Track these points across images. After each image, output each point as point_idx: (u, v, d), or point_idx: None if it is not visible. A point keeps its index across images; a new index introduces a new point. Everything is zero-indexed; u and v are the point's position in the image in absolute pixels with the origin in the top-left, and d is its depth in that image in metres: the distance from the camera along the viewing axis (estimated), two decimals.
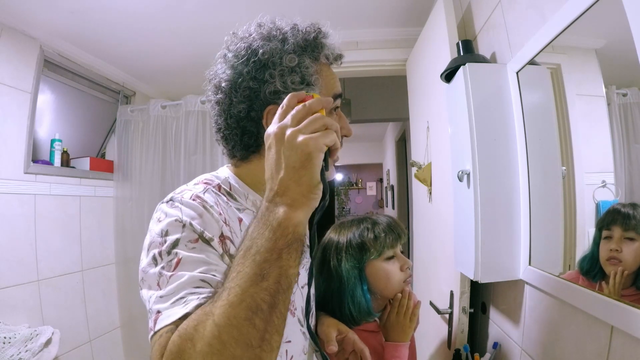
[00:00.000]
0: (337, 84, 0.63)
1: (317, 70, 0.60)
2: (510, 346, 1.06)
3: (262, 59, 0.57)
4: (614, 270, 0.65)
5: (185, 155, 2.28)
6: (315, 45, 0.60)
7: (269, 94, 0.56)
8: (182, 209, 0.51)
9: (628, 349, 0.61)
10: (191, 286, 0.43)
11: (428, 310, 1.37)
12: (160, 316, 0.42)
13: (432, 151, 1.49)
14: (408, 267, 0.90)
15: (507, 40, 1.06)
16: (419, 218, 1.80)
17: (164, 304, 0.43)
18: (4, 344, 1.43)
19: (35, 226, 1.81)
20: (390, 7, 1.74)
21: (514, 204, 0.99)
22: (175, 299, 0.43)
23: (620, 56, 0.65)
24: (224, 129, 0.62)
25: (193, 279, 0.44)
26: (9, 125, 1.70)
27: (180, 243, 0.47)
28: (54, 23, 1.74)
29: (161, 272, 0.46)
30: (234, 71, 0.58)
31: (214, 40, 0.61)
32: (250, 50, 0.58)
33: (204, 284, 0.44)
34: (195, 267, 0.45)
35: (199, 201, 0.52)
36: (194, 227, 0.49)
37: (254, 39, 0.59)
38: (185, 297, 0.43)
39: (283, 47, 0.58)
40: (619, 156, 0.66)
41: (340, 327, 0.79)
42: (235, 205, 0.59)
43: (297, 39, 0.59)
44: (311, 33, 0.60)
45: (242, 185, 0.62)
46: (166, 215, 0.51)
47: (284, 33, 0.59)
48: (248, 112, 0.58)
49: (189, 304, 0.42)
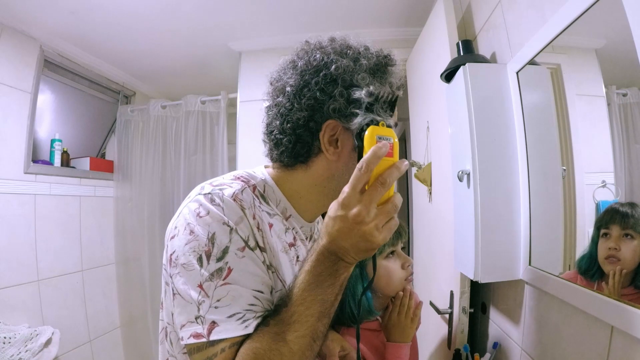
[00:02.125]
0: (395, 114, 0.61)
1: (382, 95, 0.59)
2: (510, 346, 1.06)
3: (334, 74, 0.56)
4: (612, 270, 0.65)
5: (185, 155, 2.28)
6: (385, 69, 0.59)
7: (332, 110, 0.55)
8: (224, 209, 0.50)
9: (628, 349, 0.61)
10: (247, 303, 0.48)
11: (428, 310, 1.37)
12: (217, 327, 0.46)
13: (432, 151, 1.49)
14: (409, 265, 0.90)
15: (507, 40, 1.06)
16: (419, 218, 1.80)
17: (220, 315, 0.46)
18: (4, 344, 1.43)
19: (35, 226, 1.82)
20: (390, 7, 1.74)
21: (514, 204, 0.99)
22: (232, 314, 0.47)
23: (620, 56, 0.65)
24: (277, 132, 0.59)
25: (247, 295, 0.48)
26: (9, 125, 1.70)
27: (230, 251, 0.48)
28: (54, 23, 1.74)
29: (210, 277, 0.47)
30: (302, 79, 0.57)
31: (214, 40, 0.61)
32: (323, 62, 0.57)
33: (257, 301, 0.49)
34: (247, 280, 0.49)
35: (239, 202, 0.52)
36: (240, 233, 0.49)
37: (329, 52, 0.58)
38: (244, 315, 0.47)
39: (355, 65, 0.57)
40: (619, 156, 0.66)
41: (344, 343, 0.79)
42: (267, 209, 0.58)
43: (369, 61, 0.58)
44: (381, 57, 0.59)
45: (276, 191, 0.60)
46: (208, 213, 0.50)
47: (358, 52, 0.58)
48: (307, 122, 0.57)
49: (249, 324, 0.47)
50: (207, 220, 0.49)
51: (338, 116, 0.55)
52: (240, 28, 1.89)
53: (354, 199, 0.45)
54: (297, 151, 0.59)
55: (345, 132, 0.57)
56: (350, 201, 0.45)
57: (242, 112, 2.07)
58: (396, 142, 0.49)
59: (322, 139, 0.56)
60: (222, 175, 0.60)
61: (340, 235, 0.46)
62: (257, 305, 0.49)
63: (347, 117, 0.55)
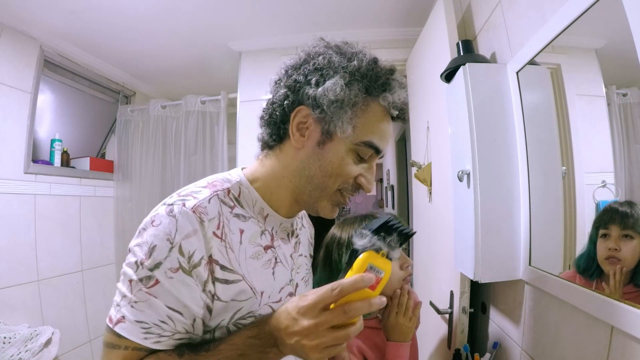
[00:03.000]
0: (382, 136, 0.59)
1: (364, 104, 0.57)
2: (510, 346, 1.06)
3: (320, 63, 0.57)
4: (612, 270, 0.65)
5: (185, 155, 2.28)
6: (376, 79, 0.57)
7: (306, 96, 0.56)
8: (178, 221, 0.51)
9: (628, 349, 0.61)
10: (158, 319, 0.49)
11: (428, 310, 1.37)
12: (123, 323, 0.49)
13: (432, 151, 1.49)
14: (408, 266, 0.90)
15: (507, 40, 1.06)
16: (419, 218, 1.80)
17: (131, 315, 0.49)
18: (4, 344, 1.43)
19: (35, 226, 1.82)
20: (390, 7, 1.74)
21: (514, 204, 0.99)
22: (140, 320, 0.49)
23: (620, 56, 0.65)
24: (264, 109, 0.62)
25: (162, 312, 0.49)
26: (9, 125, 1.70)
27: (161, 267, 0.49)
28: (54, 23, 1.74)
29: (139, 280, 0.49)
30: (296, 62, 0.60)
31: (214, 40, 0.61)
32: (317, 52, 0.58)
33: (169, 321, 0.50)
34: (167, 298, 0.49)
35: (198, 214, 0.52)
36: (183, 249, 0.50)
37: (330, 46, 0.59)
38: (150, 327, 0.49)
39: (344, 63, 0.57)
40: (619, 156, 0.66)
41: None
42: (241, 212, 0.58)
43: (361, 64, 0.57)
44: (379, 67, 0.58)
45: (252, 191, 0.61)
46: (160, 224, 0.51)
47: (355, 53, 0.58)
48: (283, 100, 0.58)
49: (149, 338, 0.49)
50: (155, 231, 0.51)
51: (311, 104, 0.56)
52: (240, 28, 1.89)
53: (312, 312, 0.46)
54: (271, 130, 0.61)
55: (316, 124, 0.57)
56: (307, 312, 0.46)
57: (242, 112, 2.07)
58: (385, 277, 0.48)
59: (291, 121, 0.58)
60: (196, 182, 0.60)
61: (286, 333, 0.47)
62: (168, 325, 0.50)
63: (319, 108, 0.56)
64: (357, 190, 0.61)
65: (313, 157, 0.58)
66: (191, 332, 0.53)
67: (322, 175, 0.58)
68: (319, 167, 0.58)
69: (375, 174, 0.62)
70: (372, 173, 0.61)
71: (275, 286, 0.60)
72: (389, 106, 0.58)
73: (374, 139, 0.58)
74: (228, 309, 0.53)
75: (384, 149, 0.60)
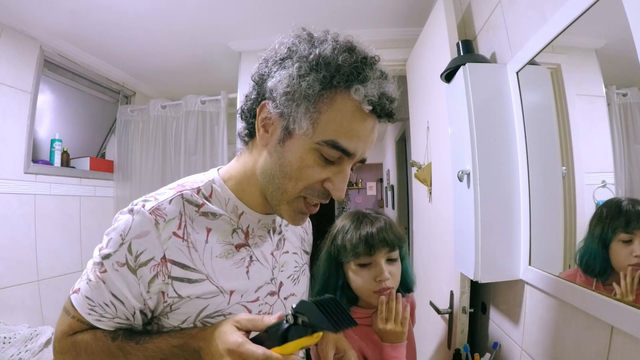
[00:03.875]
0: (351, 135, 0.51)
1: (329, 97, 0.50)
2: (510, 346, 1.06)
3: (282, 54, 0.53)
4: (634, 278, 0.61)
5: (185, 155, 2.28)
6: (339, 68, 0.49)
7: (267, 89, 0.53)
8: (133, 221, 0.52)
9: (628, 349, 0.61)
10: (102, 300, 0.53)
11: (428, 310, 1.37)
12: (76, 295, 0.55)
13: (432, 151, 1.49)
14: (380, 280, 0.87)
15: (507, 40, 1.06)
16: (419, 218, 1.80)
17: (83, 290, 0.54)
18: (4, 344, 1.43)
19: (35, 226, 1.82)
20: (390, 7, 1.74)
21: (514, 204, 0.99)
22: (88, 297, 0.53)
23: (620, 56, 0.65)
24: (241, 103, 0.62)
25: (106, 295, 0.52)
26: (9, 125, 1.70)
27: (110, 259, 0.52)
28: (54, 23, 1.74)
29: (95, 263, 0.53)
30: (268, 55, 0.57)
31: (214, 40, 0.61)
32: (286, 43, 0.55)
33: (112, 305, 0.53)
34: (112, 287, 0.52)
35: (154, 216, 0.52)
36: (131, 248, 0.51)
37: (303, 35, 0.54)
38: (94, 306, 0.53)
39: (305, 52, 0.51)
40: (619, 156, 0.66)
41: (339, 344, 0.74)
42: (210, 210, 0.57)
43: (325, 52, 0.50)
44: (346, 54, 0.50)
45: (224, 189, 0.59)
46: (119, 220, 0.54)
47: (324, 41, 0.52)
48: (251, 94, 0.58)
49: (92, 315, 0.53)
50: (115, 227, 0.54)
51: (271, 97, 0.53)
52: (240, 28, 1.89)
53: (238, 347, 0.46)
54: (245, 123, 0.60)
55: (278, 120, 0.53)
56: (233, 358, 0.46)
57: None
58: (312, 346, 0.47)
59: (257, 117, 0.56)
60: (168, 185, 0.60)
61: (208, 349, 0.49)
62: (110, 308, 0.53)
63: (274, 102, 0.52)
64: (326, 196, 0.55)
65: (275, 155, 0.54)
66: (131, 321, 0.55)
67: (282, 177, 0.54)
68: (279, 167, 0.54)
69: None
70: (343, 178, 0.54)
71: (250, 285, 0.59)
72: (363, 100, 0.49)
73: (340, 138, 0.50)
74: (193, 306, 0.54)
75: (356, 151, 0.52)
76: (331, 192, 0.54)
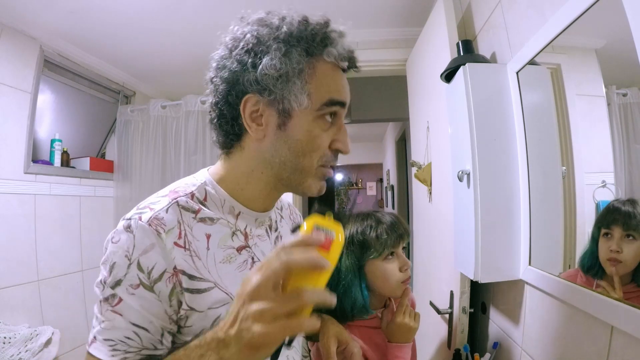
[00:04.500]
0: (341, 89, 0.56)
1: (310, 67, 0.53)
2: (510, 346, 1.06)
3: (248, 43, 0.52)
4: (612, 273, 0.65)
5: (185, 155, 2.28)
6: (313, 37, 0.53)
7: (248, 82, 0.52)
8: (135, 237, 0.49)
9: (628, 349, 0.61)
10: (123, 335, 0.48)
11: (428, 310, 1.37)
12: (95, 343, 0.48)
13: (432, 151, 1.49)
14: (407, 268, 0.90)
15: (507, 40, 1.06)
16: (419, 218, 1.80)
17: (100, 335, 0.48)
18: (4, 344, 1.43)
19: (35, 226, 1.81)
20: (390, 7, 1.74)
21: (514, 204, 0.99)
22: (108, 338, 0.48)
23: (620, 56, 0.65)
24: (210, 111, 0.58)
25: (127, 329, 0.48)
26: (9, 125, 1.70)
27: (122, 285, 0.48)
28: (54, 23, 1.74)
29: (105, 300, 0.49)
30: (225, 52, 0.56)
31: (214, 40, 0.60)
32: (242, 32, 0.54)
33: (135, 336, 0.48)
34: (131, 315, 0.48)
35: (154, 227, 0.50)
36: (141, 265, 0.48)
37: (253, 21, 0.55)
38: (116, 344, 0.48)
39: (274, 33, 0.52)
40: (619, 156, 0.66)
41: (340, 337, 0.76)
42: (208, 215, 0.55)
43: (292, 27, 0.52)
44: (311, 24, 0.54)
45: (219, 191, 0.58)
46: (119, 241, 0.50)
47: (282, 19, 0.53)
48: (227, 95, 0.55)
49: (117, 355, 0.48)
50: (114, 248, 0.50)
51: (257, 89, 0.52)
52: None
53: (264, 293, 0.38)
54: (224, 129, 0.57)
55: (269, 107, 0.54)
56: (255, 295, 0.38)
57: None
58: (338, 239, 0.41)
59: (243, 115, 0.54)
60: (159, 191, 0.58)
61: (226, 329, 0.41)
62: (134, 341, 0.48)
63: (267, 90, 0.52)
64: (336, 158, 0.58)
65: (278, 142, 0.54)
66: (161, 348, 0.50)
67: (295, 157, 0.55)
68: (287, 149, 0.54)
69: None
70: (344, 132, 0.57)
71: None
72: (337, 59, 0.55)
73: (333, 94, 0.54)
74: (206, 317, 0.52)
75: (347, 98, 0.56)
76: (342, 149, 0.57)
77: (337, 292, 0.86)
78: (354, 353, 0.73)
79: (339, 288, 0.87)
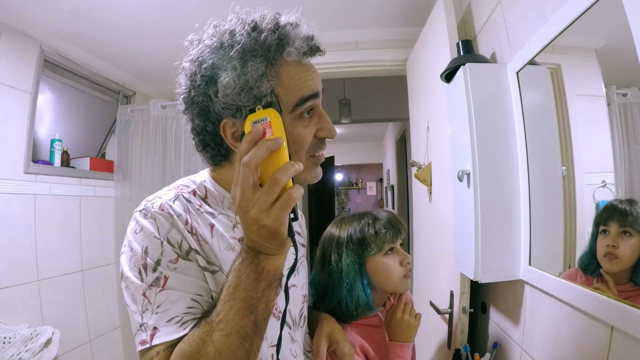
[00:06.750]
0: (309, 83, 0.54)
1: (273, 74, 0.52)
2: (510, 346, 1.06)
3: (206, 74, 0.52)
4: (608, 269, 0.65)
5: (185, 155, 2.28)
6: (268, 47, 0.52)
7: (217, 110, 0.53)
8: (156, 220, 0.52)
9: (628, 349, 0.61)
10: (185, 306, 0.49)
11: (428, 310, 1.37)
12: (158, 332, 0.48)
13: (432, 151, 1.49)
14: (408, 262, 0.91)
15: (507, 40, 1.06)
16: (419, 218, 1.80)
17: (160, 321, 0.48)
18: (4, 344, 1.43)
19: (35, 226, 1.81)
20: (390, 7, 1.74)
21: (514, 204, 0.99)
22: (171, 317, 0.48)
23: (620, 56, 0.65)
24: (193, 138, 0.59)
25: (185, 298, 0.49)
26: (9, 125, 1.70)
27: (162, 263, 0.50)
28: (54, 23, 1.74)
29: (150, 286, 0.49)
30: (187, 83, 0.55)
31: None
32: (197, 62, 0.53)
33: (196, 304, 0.50)
34: (183, 286, 0.50)
35: (167, 211, 0.53)
36: (171, 241, 0.51)
37: (205, 46, 0.53)
38: (182, 317, 0.48)
39: (227, 54, 0.51)
40: (619, 156, 0.66)
41: (332, 336, 0.75)
42: (210, 210, 0.59)
43: (244, 43, 0.51)
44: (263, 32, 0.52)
45: (218, 188, 0.61)
46: (142, 228, 0.52)
47: (234, 36, 0.52)
48: (204, 127, 0.56)
49: (187, 326, 0.48)
50: (141, 236, 0.52)
51: (229, 113, 0.52)
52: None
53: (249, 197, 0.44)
54: (210, 154, 0.59)
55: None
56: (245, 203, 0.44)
57: None
58: (274, 118, 0.46)
59: (225, 138, 0.55)
60: (164, 188, 0.61)
61: (245, 226, 0.46)
62: (196, 308, 0.50)
63: (237, 109, 0.52)
64: (323, 144, 0.58)
65: None
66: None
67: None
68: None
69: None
70: (326, 118, 0.57)
71: None
72: (298, 55, 0.54)
73: (303, 91, 0.53)
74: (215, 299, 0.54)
75: (318, 88, 0.56)
76: (328, 135, 0.58)
77: (341, 292, 0.86)
78: (344, 353, 0.73)
79: (343, 288, 0.86)
